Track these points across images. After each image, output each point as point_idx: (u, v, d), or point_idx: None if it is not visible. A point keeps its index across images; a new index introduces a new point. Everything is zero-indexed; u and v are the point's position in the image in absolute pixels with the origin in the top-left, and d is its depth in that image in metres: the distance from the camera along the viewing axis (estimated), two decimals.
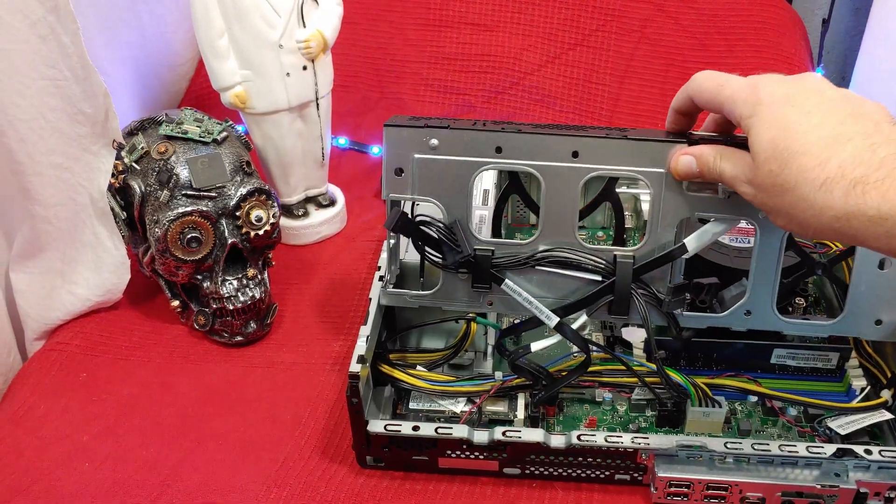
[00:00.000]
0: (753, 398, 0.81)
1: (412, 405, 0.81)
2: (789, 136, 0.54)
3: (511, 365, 0.76)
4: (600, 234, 1.06)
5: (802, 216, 0.55)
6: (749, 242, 0.86)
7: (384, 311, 0.83)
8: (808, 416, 0.80)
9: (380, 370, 0.80)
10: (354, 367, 0.71)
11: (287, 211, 1.07)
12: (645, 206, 1.01)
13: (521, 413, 0.79)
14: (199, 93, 1.28)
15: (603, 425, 0.80)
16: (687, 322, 0.75)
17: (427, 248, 0.74)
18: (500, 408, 0.80)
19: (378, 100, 1.31)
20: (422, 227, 0.72)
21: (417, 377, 0.80)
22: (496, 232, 0.79)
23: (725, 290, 0.79)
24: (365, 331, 0.75)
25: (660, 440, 0.71)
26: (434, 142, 0.69)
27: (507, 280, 0.73)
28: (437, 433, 0.72)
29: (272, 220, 0.90)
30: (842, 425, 0.75)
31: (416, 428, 0.73)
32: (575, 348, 0.79)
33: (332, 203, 1.10)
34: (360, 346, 0.73)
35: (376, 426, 0.74)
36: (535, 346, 0.74)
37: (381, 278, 0.80)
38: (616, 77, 1.30)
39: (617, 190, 1.00)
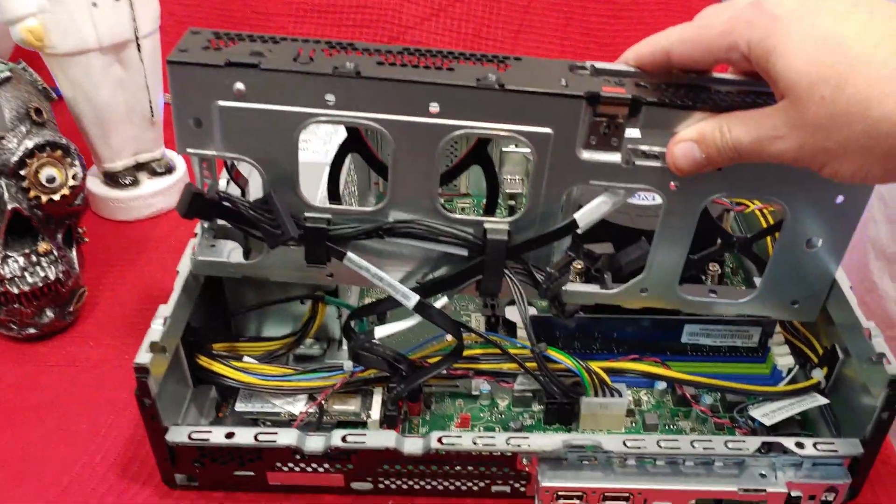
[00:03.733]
0: (661, 385, 0.67)
1: (239, 407, 0.64)
2: (835, 47, 0.41)
3: (353, 354, 0.60)
4: None
5: (886, 143, 0.41)
6: (654, 199, 0.72)
7: (208, 289, 0.65)
8: (727, 405, 0.65)
9: (198, 364, 0.63)
10: (143, 357, 0.54)
11: (112, 179, 0.89)
12: None
13: (375, 412, 0.63)
14: None
15: (478, 424, 0.65)
16: (572, 298, 0.61)
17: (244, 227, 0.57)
18: (351, 406, 0.64)
19: None
20: (227, 206, 0.55)
21: (243, 371, 0.63)
22: (334, 197, 0.62)
23: (621, 252, 0.65)
24: (164, 310, 0.57)
25: (543, 440, 0.56)
26: (240, 86, 0.50)
27: (349, 254, 0.56)
28: (258, 441, 0.56)
29: (72, 183, 0.72)
30: (766, 414, 0.61)
31: (229, 435, 0.56)
32: None
33: (170, 170, 0.92)
34: (154, 331, 0.56)
35: (178, 434, 0.56)
36: (381, 332, 0.58)
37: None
38: (510, 32, 1.15)
39: (504, 149, 0.88)
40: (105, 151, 0.86)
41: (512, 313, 0.72)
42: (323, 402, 0.63)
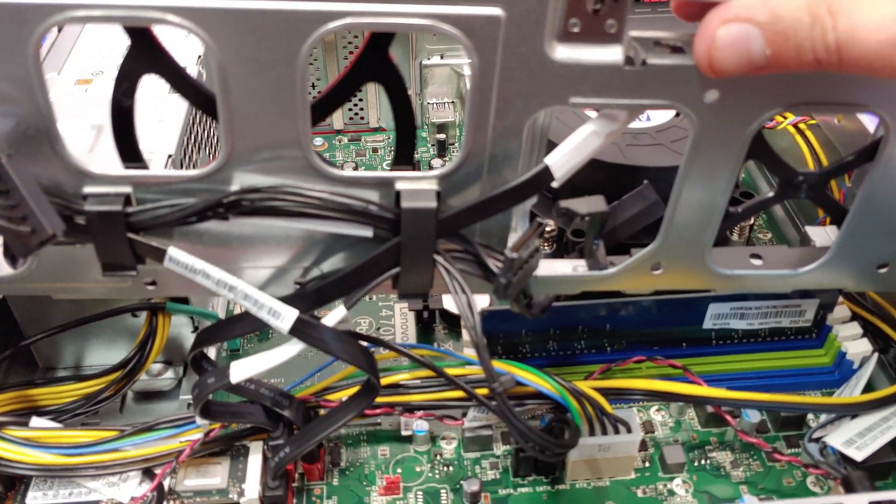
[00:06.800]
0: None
1: (32, 498, 0.40)
2: None
3: (200, 406, 0.37)
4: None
5: None
6: (648, 119, 0.50)
7: None
8: (781, 421, 0.45)
9: None
10: None
11: None
12: None
13: (252, 487, 0.40)
14: None
15: (415, 486, 0.42)
16: (545, 286, 0.38)
17: None
18: (214, 479, 0.41)
19: None
20: None
21: (27, 444, 0.39)
22: (131, 156, 0.37)
23: (614, 206, 0.42)
24: None
25: None
26: None
27: (170, 251, 0.33)
28: None
29: None
30: (852, 440, 0.40)
31: None
32: None
33: None
34: None
35: None
36: (238, 372, 0.35)
37: None
38: None
39: (426, 63, 0.64)
40: None
41: (453, 301, 0.49)
42: (169, 477, 0.40)
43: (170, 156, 0.43)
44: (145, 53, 0.33)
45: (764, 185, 0.61)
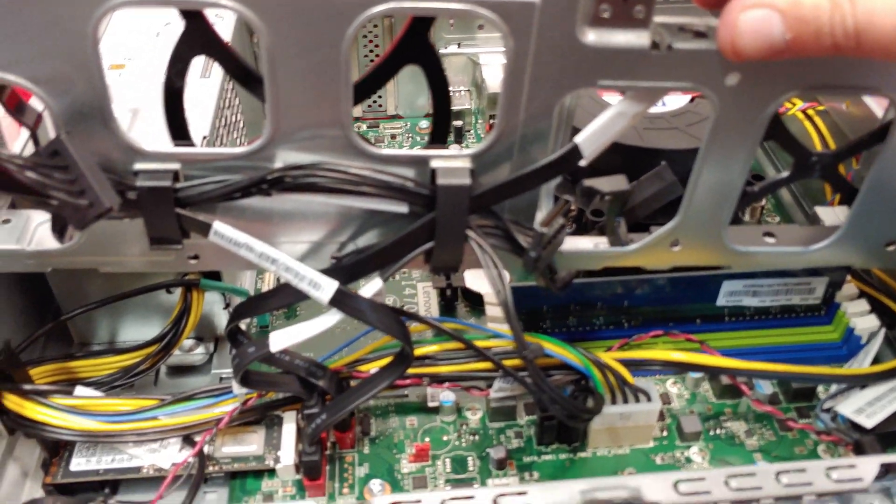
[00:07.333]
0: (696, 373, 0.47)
1: (76, 464, 0.42)
2: None
3: (240, 375, 0.39)
4: (424, 125, 0.68)
5: None
6: (663, 104, 0.51)
7: (17, 283, 0.43)
8: (792, 393, 0.46)
9: (4, 406, 0.41)
10: None
11: None
12: (491, 77, 0.65)
13: (287, 454, 0.42)
14: None
15: (443, 454, 0.44)
16: (569, 262, 0.40)
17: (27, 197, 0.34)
18: (251, 447, 0.43)
19: None
20: None
21: (72, 411, 0.41)
22: (180, 134, 0.39)
23: (634, 185, 0.44)
24: None
25: (552, 493, 0.35)
26: None
27: (215, 225, 0.34)
28: None
29: None
30: (862, 409, 0.42)
31: None
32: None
33: None
34: None
35: None
36: (277, 341, 0.37)
37: None
38: None
39: (442, 52, 0.66)
40: None
41: (474, 280, 0.51)
42: (207, 444, 0.42)
43: (205, 137, 0.45)
44: (199, 36, 0.35)
45: (771, 171, 0.63)
